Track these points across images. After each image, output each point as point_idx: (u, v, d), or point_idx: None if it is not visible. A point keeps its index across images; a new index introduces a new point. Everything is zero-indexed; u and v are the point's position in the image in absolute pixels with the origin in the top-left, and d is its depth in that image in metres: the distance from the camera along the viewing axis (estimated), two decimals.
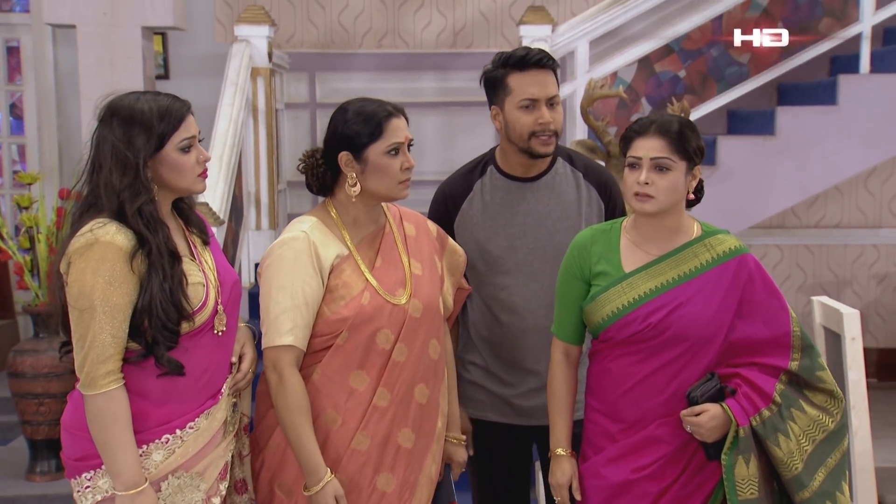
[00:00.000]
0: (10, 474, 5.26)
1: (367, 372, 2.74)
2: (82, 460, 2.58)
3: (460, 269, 3.08)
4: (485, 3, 7.25)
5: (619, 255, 2.81)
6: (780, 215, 7.36)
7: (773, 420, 2.69)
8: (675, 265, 2.76)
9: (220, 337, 2.65)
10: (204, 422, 2.62)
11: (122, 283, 2.46)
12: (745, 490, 2.68)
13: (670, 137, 2.70)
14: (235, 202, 5.64)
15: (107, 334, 2.46)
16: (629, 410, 2.76)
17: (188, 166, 2.59)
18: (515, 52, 3.09)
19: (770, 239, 7.39)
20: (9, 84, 7.78)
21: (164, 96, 2.61)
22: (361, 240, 2.82)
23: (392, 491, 2.76)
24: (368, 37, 7.25)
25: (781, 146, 5.97)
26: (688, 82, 6.25)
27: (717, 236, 2.80)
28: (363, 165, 2.76)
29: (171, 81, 7.33)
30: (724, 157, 5.97)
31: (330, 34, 7.25)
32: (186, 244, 2.68)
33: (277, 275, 2.69)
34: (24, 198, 5.15)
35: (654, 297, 2.74)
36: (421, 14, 7.25)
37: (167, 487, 2.57)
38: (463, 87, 6.94)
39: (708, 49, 6.22)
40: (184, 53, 7.37)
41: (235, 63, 5.86)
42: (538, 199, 3.16)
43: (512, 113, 3.09)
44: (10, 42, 7.74)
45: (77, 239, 2.49)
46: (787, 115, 5.98)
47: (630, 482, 2.75)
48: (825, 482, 2.75)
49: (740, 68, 6.28)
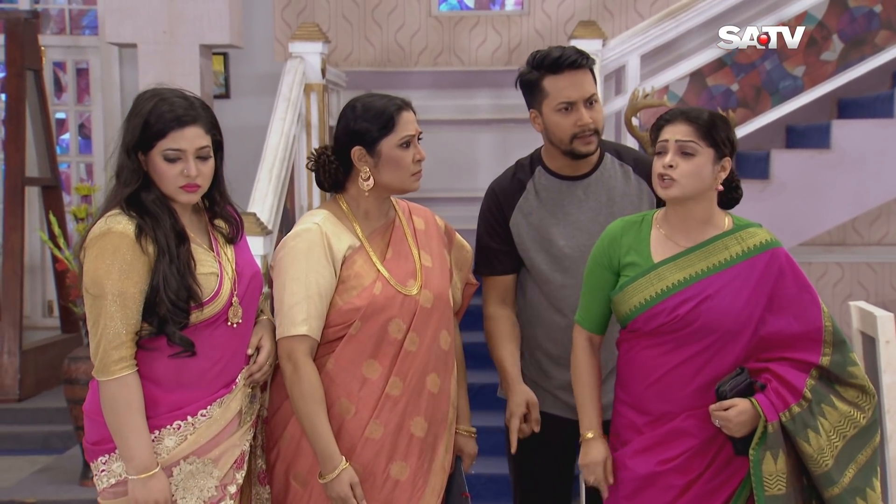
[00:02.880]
0: (65, 480, 5.43)
1: (380, 361, 2.77)
2: (98, 444, 2.65)
3: (468, 265, 3.10)
4: (539, 20, 7.30)
5: (649, 246, 2.80)
6: (840, 232, 7.25)
7: (803, 416, 2.67)
8: (705, 257, 2.75)
9: (236, 329, 2.70)
10: (217, 410, 2.66)
11: (134, 271, 2.53)
12: (772, 486, 2.65)
13: (697, 123, 2.71)
14: (287, 214, 5.72)
15: (118, 321, 2.53)
16: (655, 402, 2.76)
17: (169, 176, 2.61)
18: (550, 53, 3.05)
19: (830, 256, 7.29)
20: (78, 105, 8.01)
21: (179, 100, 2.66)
22: (372, 232, 2.86)
23: (406, 479, 2.78)
24: (424, 55, 7.33)
25: (837, 160, 5.90)
26: (740, 96, 6.21)
27: (749, 229, 2.78)
28: (376, 159, 2.80)
29: (231, 100, 7.49)
30: (778, 170, 5.91)
31: (386, 52, 7.35)
32: (207, 236, 2.74)
33: (291, 266, 2.74)
34: (80, 209, 5.30)
35: (682, 288, 2.72)
36: (476, 32, 7.31)
37: (179, 473, 2.62)
38: (518, 104, 6.85)
39: (761, 62, 6.18)
40: (244, 73, 7.52)
41: (289, 79, 5.95)
42: (589, 196, 3.15)
43: (551, 116, 3.07)
44: (80, 64, 7.99)
45: (93, 229, 2.58)
46: (842, 129, 5.91)
47: (656, 474, 2.74)
48: (855, 478, 2.72)
49: (794, 81, 6.23)
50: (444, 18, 7.39)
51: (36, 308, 7.61)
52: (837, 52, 6.23)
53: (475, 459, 3.07)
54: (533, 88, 3.10)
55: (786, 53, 6.19)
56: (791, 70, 6.23)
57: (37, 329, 7.25)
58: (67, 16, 7.98)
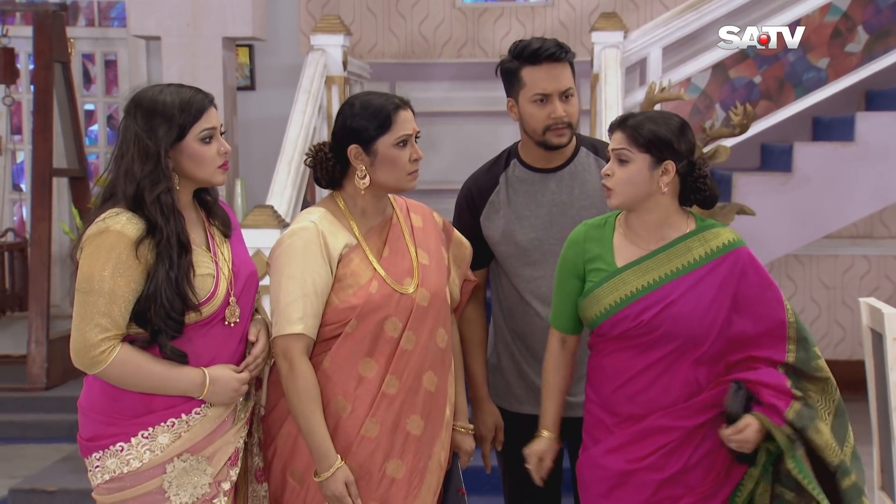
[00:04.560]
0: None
1: (376, 360, 2.78)
2: (92, 440, 2.67)
3: (466, 261, 3.11)
4: (564, 11, 7.28)
5: (613, 251, 2.80)
6: (867, 225, 7.19)
7: (804, 410, 2.67)
8: (668, 260, 2.75)
9: (232, 328, 2.71)
10: (211, 408, 2.68)
11: (128, 272, 2.55)
12: (832, 455, 2.66)
13: (626, 130, 2.72)
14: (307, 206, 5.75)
15: (104, 318, 2.54)
16: (623, 405, 2.77)
17: (208, 157, 2.67)
18: (530, 44, 3.08)
19: (857, 249, 7.23)
20: (106, 96, 8.09)
21: (186, 89, 2.70)
22: (369, 230, 2.87)
23: (402, 477, 2.79)
24: (448, 46, 7.34)
25: (861, 153, 5.85)
26: (763, 88, 6.17)
27: (713, 230, 2.77)
28: (373, 158, 2.81)
29: (256, 92, 7.54)
30: (801, 163, 5.87)
31: (410, 44, 7.36)
32: (204, 235, 2.75)
33: (287, 264, 2.75)
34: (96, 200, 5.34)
35: (645, 293, 2.73)
36: (500, 23, 7.31)
37: (172, 470, 2.64)
38: None
39: (785, 54, 6.13)
40: (269, 65, 7.57)
41: (310, 71, 5.99)
42: (562, 189, 3.17)
43: (526, 107, 3.10)
44: (108, 56, 8.07)
45: (91, 227, 2.59)
46: (866, 121, 5.86)
47: (630, 472, 2.75)
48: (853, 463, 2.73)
49: (818, 73, 6.17)
50: (467, 10, 7.39)
51: (64, 298, 7.70)
52: (862, 44, 6.17)
53: (471, 456, 3.08)
54: (511, 78, 3.12)
55: (810, 45, 6.14)
56: (815, 62, 6.18)
57: (64, 318, 7.31)
58: (96, 8, 8.05)
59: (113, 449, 2.64)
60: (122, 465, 2.64)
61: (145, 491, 2.64)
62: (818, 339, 7.30)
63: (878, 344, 3.62)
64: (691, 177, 2.75)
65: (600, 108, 5.69)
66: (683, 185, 2.75)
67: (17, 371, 6.98)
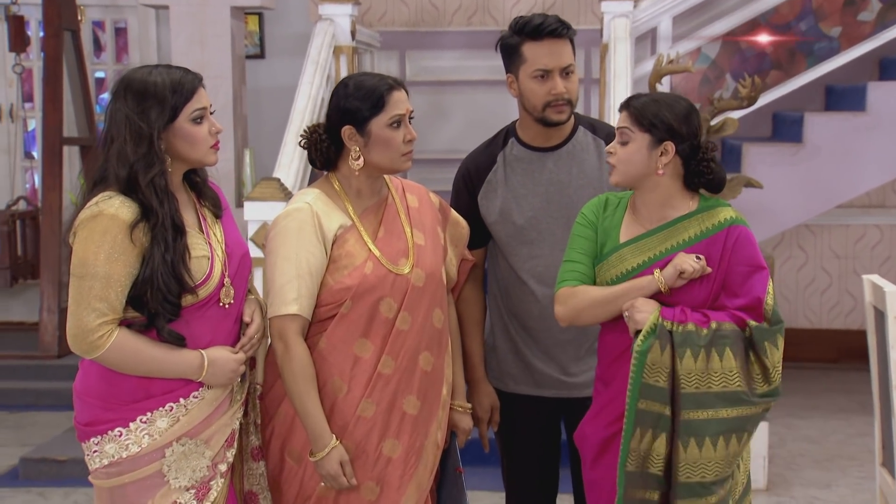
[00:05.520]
0: None
1: (372, 340, 2.79)
2: (90, 425, 2.68)
3: (463, 241, 3.11)
4: None
5: (619, 228, 2.82)
6: (880, 194, 7.15)
7: (692, 336, 2.63)
8: (664, 240, 2.75)
9: (227, 309, 2.72)
10: (208, 391, 2.70)
11: (123, 255, 2.54)
12: (651, 376, 2.63)
13: (630, 109, 2.74)
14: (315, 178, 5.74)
15: (100, 302, 2.54)
16: (617, 377, 2.76)
17: (200, 137, 2.66)
18: (532, 19, 3.07)
19: (869, 218, 7.19)
20: (117, 64, 8.09)
21: (175, 69, 2.69)
22: (364, 210, 2.87)
23: (398, 456, 2.81)
24: (458, 14, 7.29)
25: (872, 123, 5.82)
26: (774, 58, 6.12)
27: (714, 210, 2.76)
28: (366, 139, 2.80)
29: (266, 60, 7.53)
30: (811, 134, 5.84)
31: (420, 12, 7.32)
32: (196, 217, 2.75)
33: (282, 246, 2.76)
34: None
35: (640, 271, 2.74)
36: None
37: (171, 454, 2.65)
38: None
39: (797, 23, 6.07)
40: (279, 33, 7.55)
41: (318, 41, 5.97)
42: (559, 167, 3.16)
43: (526, 83, 3.08)
44: (118, 23, 8.05)
45: (84, 211, 2.59)
46: (878, 91, 5.82)
47: (608, 438, 2.76)
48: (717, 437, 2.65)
49: (830, 43, 6.12)
50: None
51: None
52: (875, 13, 6.12)
53: (469, 435, 3.10)
54: (512, 53, 3.11)
55: (822, 13, 6.08)
56: (827, 31, 6.13)
57: None
58: None
59: (111, 434, 2.65)
60: (121, 449, 2.64)
61: (144, 475, 2.66)
62: (828, 309, 7.35)
63: (880, 321, 3.60)
64: (695, 160, 2.73)
65: (609, 79, 5.65)
66: (687, 168, 2.74)
67: (30, 338, 7.05)
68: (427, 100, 7.20)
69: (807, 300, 7.42)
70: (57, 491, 5.18)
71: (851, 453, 5.69)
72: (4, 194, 7.97)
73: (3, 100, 7.96)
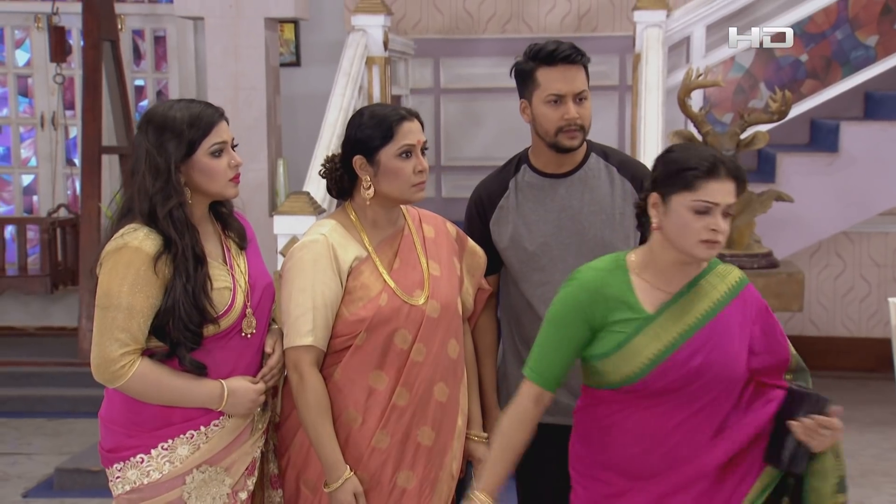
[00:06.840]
0: None
1: (386, 372, 2.81)
2: (114, 451, 2.74)
3: (480, 270, 3.11)
4: None
5: (636, 296, 2.59)
6: None
7: None
8: (695, 301, 2.58)
9: (249, 339, 2.76)
10: (229, 420, 2.73)
11: (146, 287, 2.60)
12: None
13: (738, 181, 2.50)
14: None
15: (123, 332, 2.59)
16: (643, 465, 2.59)
17: (219, 171, 2.71)
18: (546, 45, 3.07)
19: None
20: (156, 72, 8.17)
21: (197, 104, 2.74)
22: (380, 241, 2.88)
23: (412, 488, 2.82)
24: (492, 22, 7.29)
25: None
26: (810, 67, 6.06)
27: (721, 266, 2.66)
28: (376, 168, 2.82)
29: (301, 69, 7.56)
30: (847, 143, 5.80)
31: (455, 20, 7.32)
32: (221, 248, 2.79)
33: (298, 277, 2.78)
34: None
35: (687, 338, 2.54)
36: None
37: (192, 481, 2.70)
38: None
39: (832, 32, 6.00)
40: (315, 41, 7.58)
41: (350, 53, 5.99)
42: (571, 194, 3.16)
43: (539, 108, 3.08)
44: (158, 32, 8.13)
45: (109, 243, 2.65)
46: None
47: None
48: None
49: (867, 51, 6.04)
50: None
51: None
52: None
53: None
54: (526, 79, 3.11)
55: (858, 22, 6.01)
56: (863, 39, 6.05)
57: None
58: None
59: (133, 460, 2.70)
60: (143, 476, 2.70)
61: (165, 502, 2.70)
62: (868, 317, 7.28)
63: None
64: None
65: (641, 89, 5.62)
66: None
67: (70, 344, 7.14)
68: (461, 107, 7.22)
69: (845, 308, 7.35)
70: (91, 502, 5.24)
71: (886, 469, 5.63)
72: (46, 201, 8.09)
73: (46, 108, 8.07)
